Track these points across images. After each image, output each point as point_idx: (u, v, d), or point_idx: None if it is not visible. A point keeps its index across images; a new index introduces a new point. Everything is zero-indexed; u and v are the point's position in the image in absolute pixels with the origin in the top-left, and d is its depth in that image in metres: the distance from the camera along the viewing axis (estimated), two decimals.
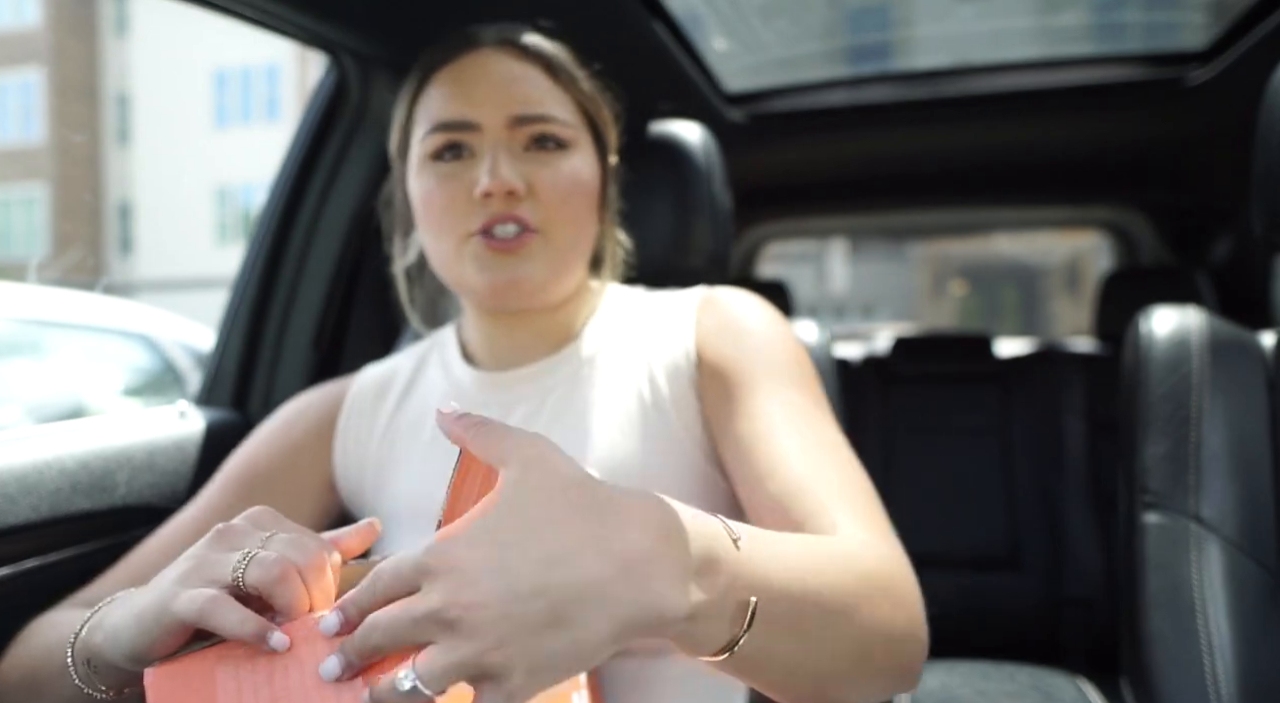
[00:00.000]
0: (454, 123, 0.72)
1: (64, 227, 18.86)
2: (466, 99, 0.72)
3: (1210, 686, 0.76)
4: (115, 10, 20.44)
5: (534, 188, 0.71)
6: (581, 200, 0.73)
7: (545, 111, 0.72)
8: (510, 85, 0.72)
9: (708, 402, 0.72)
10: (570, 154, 0.73)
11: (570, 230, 0.73)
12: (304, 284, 1.19)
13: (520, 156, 0.72)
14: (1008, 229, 4.82)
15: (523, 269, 0.71)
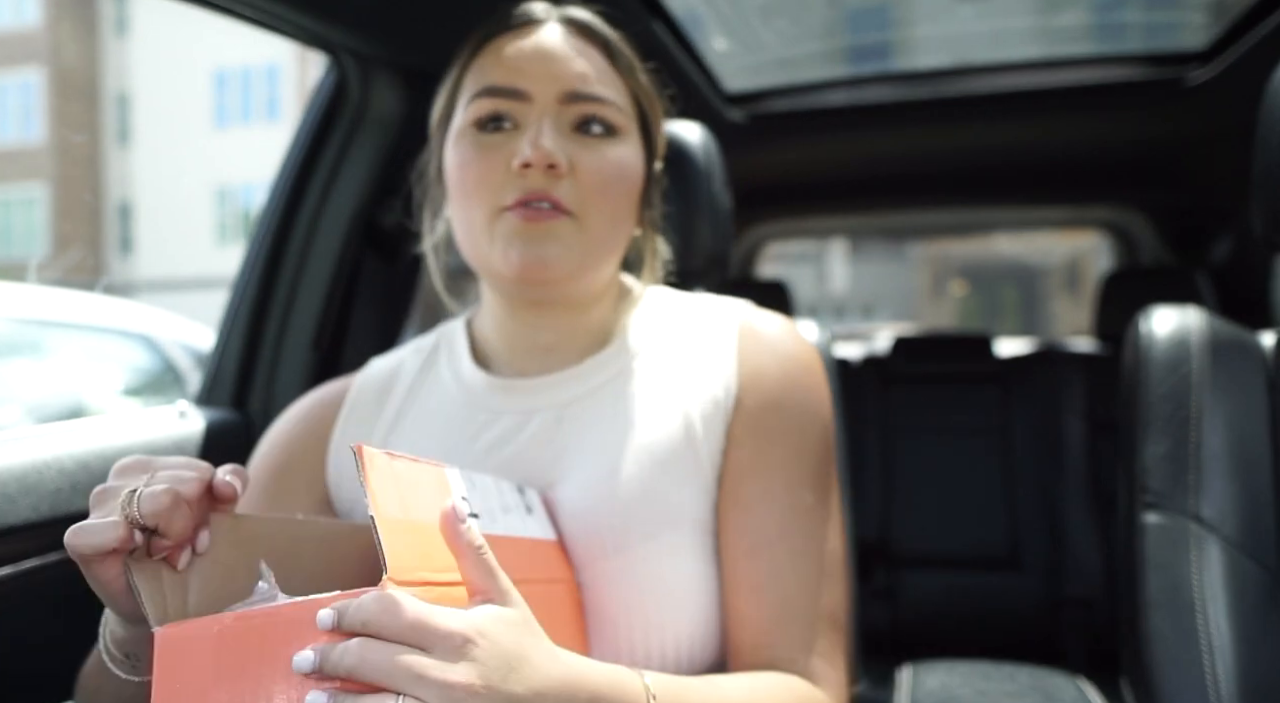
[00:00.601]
0: (504, 88, 0.69)
1: (64, 227, 18.86)
2: (519, 68, 0.69)
3: (1210, 686, 0.76)
4: (115, 10, 20.44)
5: (576, 168, 0.68)
6: (622, 191, 0.70)
7: (600, 92, 0.69)
8: (567, 61, 0.69)
9: (733, 456, 0.70)
10: (618, 142, 0.70)
11: (605, 219, 0.69)
12: (304, 284, 1.19)
13: (567, 135, 0.69)
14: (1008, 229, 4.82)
15: (551, 249, 0.67)
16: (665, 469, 0.68)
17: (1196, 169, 2.07)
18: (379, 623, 0.42)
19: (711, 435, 0.70)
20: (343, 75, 1.15)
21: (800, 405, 0.71)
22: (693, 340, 0.75)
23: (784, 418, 0.70)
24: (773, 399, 0.71)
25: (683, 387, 0.72)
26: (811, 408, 0.71)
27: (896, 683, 0.97)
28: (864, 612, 2.00)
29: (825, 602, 0.67)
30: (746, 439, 0.70)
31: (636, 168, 0.72)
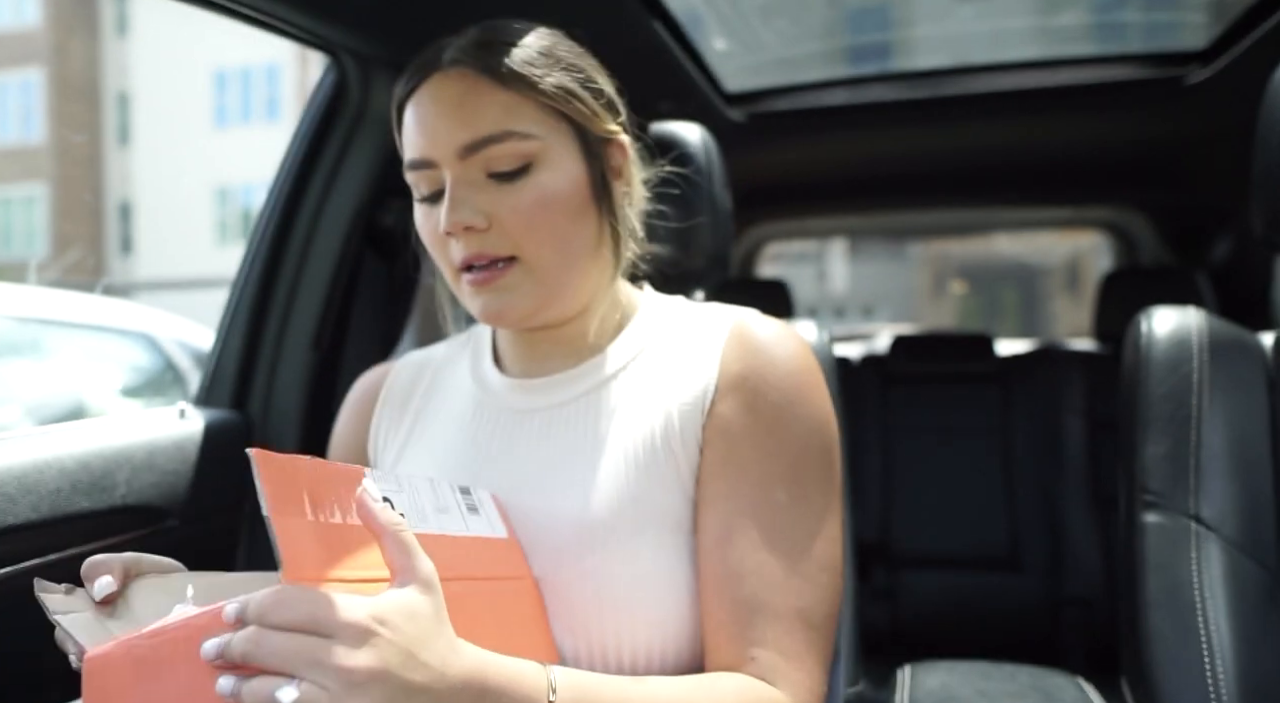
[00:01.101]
0: (416, 162, 0.70)
1: (64, 227, 18.86)
2: (422, 135, 0.69)
3: (1210, 686, 0.76)
4: (115, 10, 20.43)
5: (497, 218, 0.68)
6: (556, 217, 0.69)
7: (494, 130, 0.67)
8: (457, 111, 0.68)
9: (706, 455, 0.70)
10: (535, 172, 0.69)
11: (549, 251, 0.69)
12: (304, 284, 1.19)
13: (482, 187, 0.68)
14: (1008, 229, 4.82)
15: (506, 299, 0.69)
16: (647, 472, 0.69)
17: (1196, 169, 2.07)
18: (276, 614, 0.44)
19: (689, 437, 0.70)
20: (343, 75, 1.15)
21: (778, 405, 0.70)
22: (684, 345, 0.75)
23: (757, 418, 0.69)
24: (746, 400, 0.70)
25: (668, 390, 0.73)
26: (792, 408, 0.70)
27: (896, 683, 0.97)
28: (864, 612, 2.00)
29: (793, 601, 0.65)
30: (716, 439, 0.69)
31: (566, 184, 0.70)
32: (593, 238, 0.73)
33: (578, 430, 0.73)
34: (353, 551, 0.49)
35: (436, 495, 0.62)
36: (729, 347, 0.73)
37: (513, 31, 0.72)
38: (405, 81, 0.72)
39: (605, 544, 0.67)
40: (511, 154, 0.68)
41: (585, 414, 0.73)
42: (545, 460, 0.72)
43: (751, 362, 0.71)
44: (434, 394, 0.82)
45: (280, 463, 0.48)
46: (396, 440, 0.81)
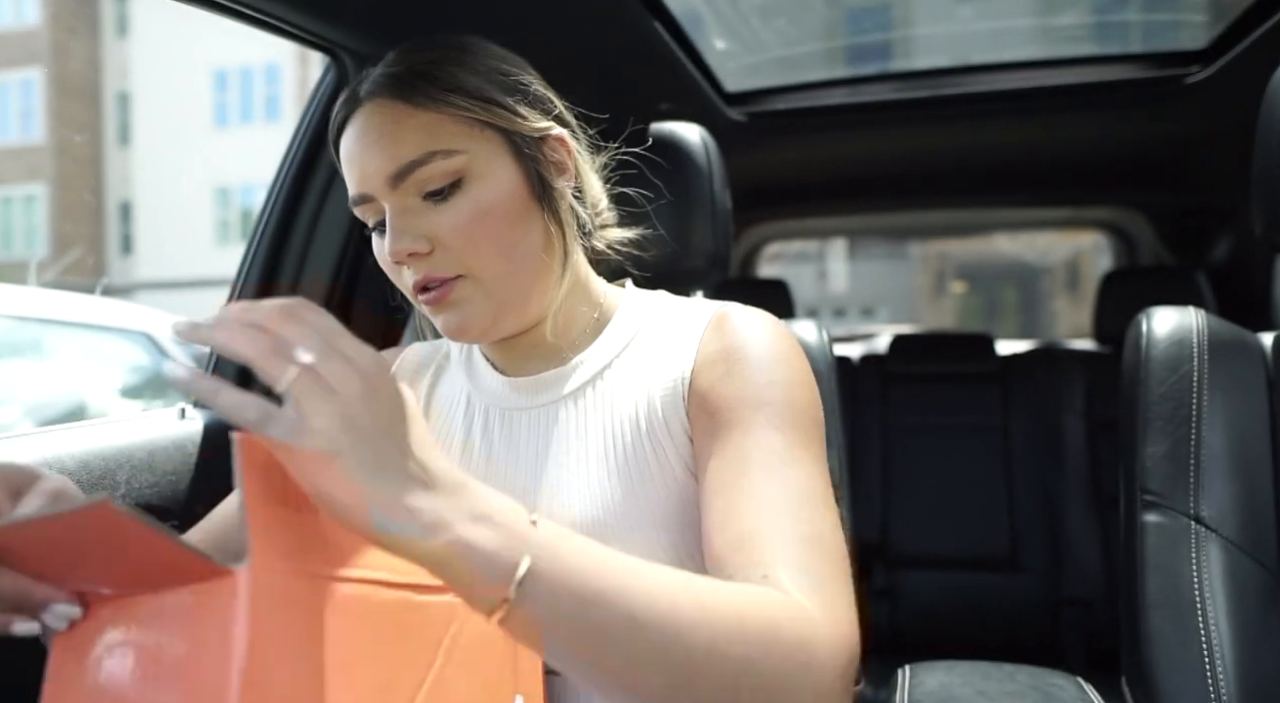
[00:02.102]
0: (355, 198, 0.71)
1: (64, 227, 18.86)
2: (353, 171, 0.70)
3: (1210, 686, 0.76)
4: (115, 10, 20.44)
5: (438, 239, 0.69)
6: (495, 227, 0.69)
7: (417, 154, 0.67)
8: (379, 142, 0.68)
9: (694, 435, 0.70)
10: (467, 186, 0.69)
11: (495, 262, 0.70)
12: (304, 284, 1.19)
13: (419, 210, 0.69)
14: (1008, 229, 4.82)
15: (463, 313, 0.71)
16: (636, 468, 0.70)
17: (1196, 169, 2.07)
18: (304, 311, 0.47)
19: (673, 422, 0.70)
20: (343, 75, 1.15)
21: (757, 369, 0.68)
22: (665, 338, 0.75)
23: (737, 381, 0.68)
24: (723, 370, 0.69)
25: (649, 382, 0.73)
26: (772, 368, 0.68)
27: (896, 683, 0.97)
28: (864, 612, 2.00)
29: (802, 527, 0.60)
30: (700, 415, 0.69)
31: (500, 193, 0.70)
32: (539, 239, 0.73)
33: (565, 429, 0.73)
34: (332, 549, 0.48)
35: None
36: (707, 333, 0.73)
37: (427, 51, 0.72)
38: (333, 122, 0.73)
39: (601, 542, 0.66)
40: (440, 173, 0.68)
41: (571, 413, 0.74)
42: (534, 460, 0.73)
43: (728, 340, 0.71)
44: (438, 389, 0.83)
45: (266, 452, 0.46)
46: None
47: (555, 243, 0.74)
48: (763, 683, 0.50)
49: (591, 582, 0.48)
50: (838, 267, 22.79)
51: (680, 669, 0.49)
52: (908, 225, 3.90)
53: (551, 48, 0.80)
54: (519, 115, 0.71)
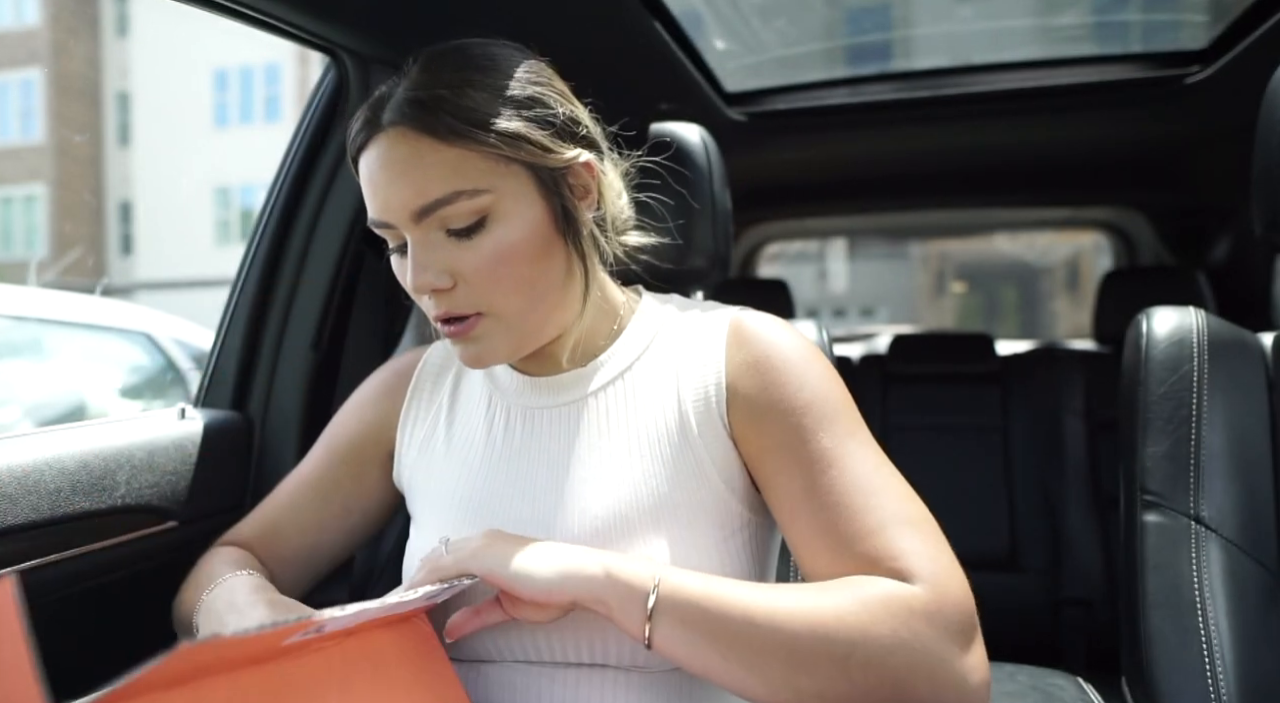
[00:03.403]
0: (377, 223, 0.71)
1: (64, 227, 18.86)
2: (375, 198, 0.69)
3: (1210, 686, 0.76)
4: (115, 10, 20.43)
5: (460, 275, 0.69)
6: (518, 266, 0.69)
7: (443, 193, 0.66)
8: (404, 175, 0.67)
9: (744, 450, 0.71)
10: (491, 225, 0.68)
11: (515, 299, 0.70)
12: (304, 284, 1.19)
13: (442, 245, 0.69)
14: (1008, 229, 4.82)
15: (483, 347, 0.72)
16: (663, 468, 0.71)
17: (1196, 169, 2.07)
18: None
19: (708, 433, 0.72)
20: (343, 75, 1.15)
21: (789, 372, 0.71)
22: (686, 344, 0.76)
23: (775, 388, 0.70)
24: (759, 379, 0.71)
25: (676, 388, 0.74)
26: (803, 368, 0.71)
27: None
28: None
29: (890, 510, 0.65)
30: (746, 425, 0.71)
31: (525, 231, 0.69)
32: (561, 271, 0.72)
33: (587, 428, 0.74)
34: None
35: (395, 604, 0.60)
36: (730, 342, 0.74)
37: (450, 69, 0.69)
38: (353, 137, 0.71)
39: (622, 539, 0.68)
40: (464, 212, 0.67)
41: (593, 412, 0.75)
42: (556, 457, 0.74)
43: (753, 347, 0.73)
44: (460, 387, 0.84)
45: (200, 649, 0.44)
46: (421, 431, 0.83)
47: (577, 270, 0.74)
48: (870, 659, 0.58)
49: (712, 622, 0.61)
50: (838, 267, 22.78)
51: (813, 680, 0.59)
52: (908, 225, 3.90)
53: (551, 48, 0.80)
54: (547, 149, 0.69)
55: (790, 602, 0.60)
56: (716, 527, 0.70)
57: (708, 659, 0.60)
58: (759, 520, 0.73)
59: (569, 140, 0.72)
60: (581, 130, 0.74)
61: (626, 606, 0.61)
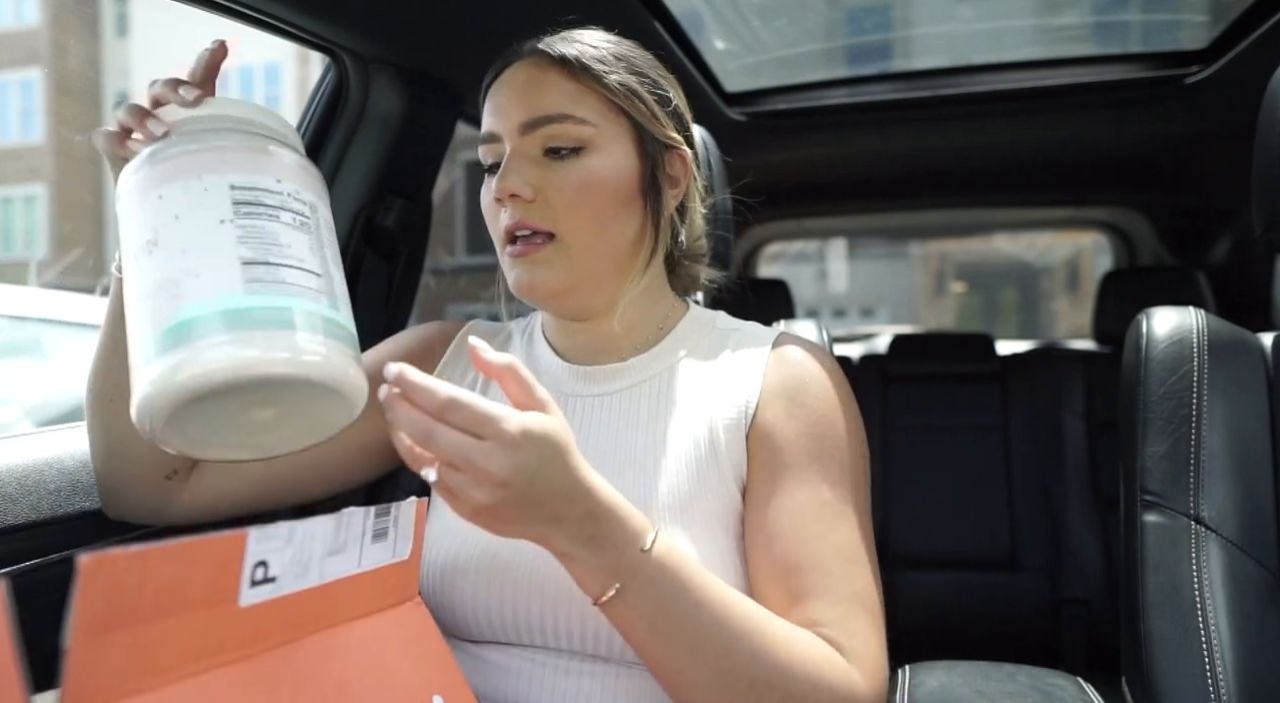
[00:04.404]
0: (485, 135, 0.76)
1: (64, 227, 18.85)
2: (492, 113, 0.76)
3: (1210, 686, 0.76)
4: (115, 10, 20.43)
5: (544, 193, 0.73)
6: (598, 200, 0.73)
7: (554, 111, 0.73)
8: (524, 92, 0.74)
9: (751, 464, 0.73)
10: (587, 156, 0.73)
11: (586, 232, 0.73)
12: None
13: (537, 163, 0.73)
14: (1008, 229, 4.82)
15: (539, 273, 0.73)
16: (693, 471, 0.72)
17: (1196, 169, 2.07)
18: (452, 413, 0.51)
19: (733, 444, 0.73)
20: (343, 75, 1.15)
21: (819, 413, 0.73)
22: (727, 359, 0.79)
23: (799, 423, 0.72)
24: (787, 408, 0.73)
25: (712, 400, 0.76)
26: (831, 416, 0.73)
27: (896, 683, 0.97)
28: None
29: (851, 586, 0.67)
30: (760, 447, 0.73)
31: (616, 172, 0.74)
32: (633, 230, 0.77)
33: (617, 422, 0.76)
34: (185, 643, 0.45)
35: (338, 534, 0.56)
36: (771, 364, 0.77)
37: (592, 33, 0.78)
38: (492, 70, 0.79)
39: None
40: (568, 135, 0.73)
41: (625, 408, 0.77)
42: (586, 446, 0.75)
43: (792, 373, 0.75)
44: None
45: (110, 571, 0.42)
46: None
47: (646, 241, 0.78)
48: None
49: (670, 611, 0.58)
50: (838, 267, 22.78)
51: (723, 697, 0.59)
52: (908, 225, 3.90)
53: None
54: (654, 117, 0.77)
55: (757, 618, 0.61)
56: (732, 534, 0.72)
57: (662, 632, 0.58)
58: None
59: (675, 126, 0.79)
60: (688, 130, 0.81)
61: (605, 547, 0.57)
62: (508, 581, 0.70)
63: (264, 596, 0.48)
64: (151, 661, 0.44)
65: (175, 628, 0.45)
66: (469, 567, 0.72)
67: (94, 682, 0.42)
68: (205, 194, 0.53)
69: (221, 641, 0.47)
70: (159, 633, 0.44)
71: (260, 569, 0.48)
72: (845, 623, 0.65)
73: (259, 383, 0.50)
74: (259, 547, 0.49)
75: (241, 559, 0.48)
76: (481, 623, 0.71)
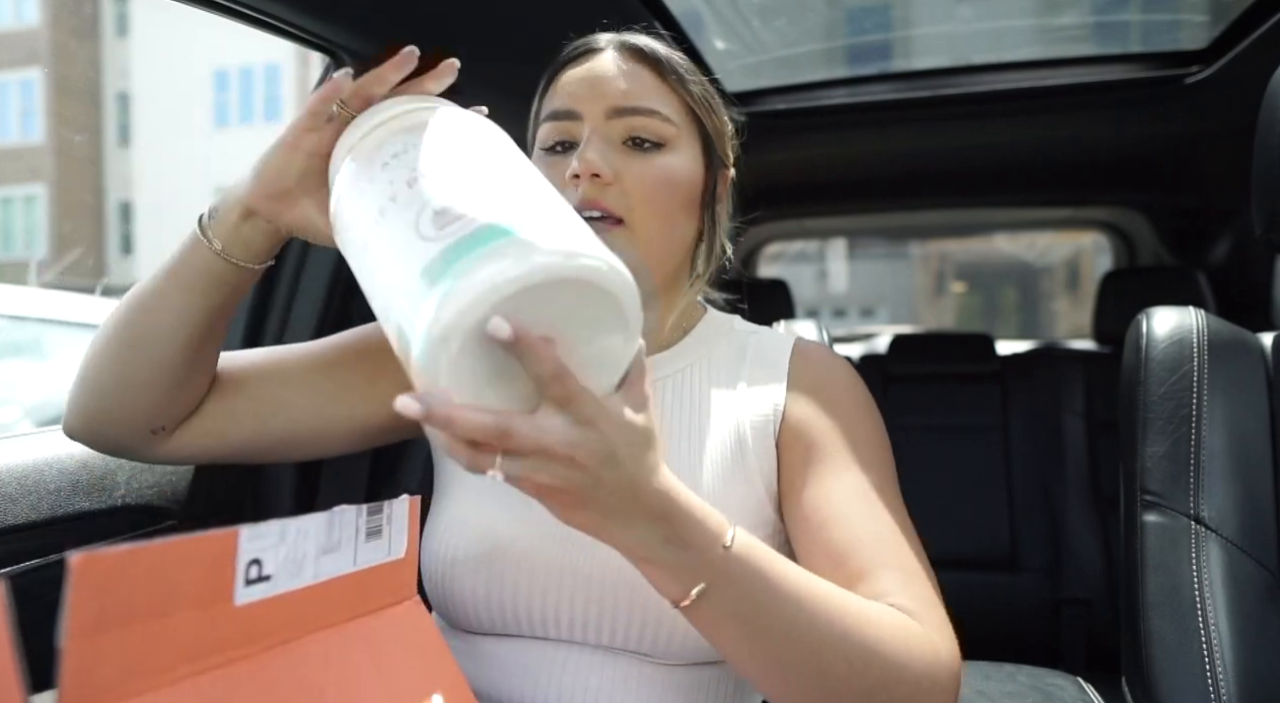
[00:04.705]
0: (560, 112, 0.75)
1: (64, 227, 18.85)
2: (573, 92, 0.75)
3: (1210, 686, 0.76)
4: (115, 10, 20.43)
5: (622, 178, 0.73)
6: (671, 197, 0.74)
7: (645, 105, 0.74)
8: (615, 80, 0.74)
9: (785, 459, 0.74)
10: (667, 153, 0.74)
11: (657, 226, 0.73)
12: (304, 284, 1.19)
13: (616, 149, 0.74)
14: (1008, 229, 4.82)
15: None
16: (721, 469, 0.73)
17: (1196, 169, 2.07)
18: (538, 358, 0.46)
19: (760, 447, 0.74)
20: None
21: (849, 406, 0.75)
22: (749, 361, 0.79)
23: (832, 416, 0.74)
24: (818, 403, 0.75)
25: (736, 400, 0.76)
26: (859, 409, 0.75)
27: None
28: None
29: (908, 558, 0.66)
30: (794, 442, 0.73)
31: (688, 175, 0.75)
32: (691, 237, 0.78)
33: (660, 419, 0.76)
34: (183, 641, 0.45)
35: (331, 532, 0.56)
36: (794, 365, 0.78)
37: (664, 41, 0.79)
38: (568, 52, 0.79)
39: None
40: (653, 130, 0.74)
41: (660, 399, 0.77)
42: None
43: (818, 371, 0.77)
44: None
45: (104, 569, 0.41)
46: None
47: (699, 252, 0.80)
48: (885, 680, 0.57)
49: (759, 606, 0.55)
50: (838, 267, 22.78)
51: (823, 684, 0.56)
52: (908, 225, 3.90)
53: (550, 47, 0.80)
54: (722, 131, 0.80)
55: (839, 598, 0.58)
56: (754, 531, 0.71)
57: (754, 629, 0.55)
58: (783, 529, 0.74)
59: (730, 145, 0.82)
60: (736, 151, 0.84)
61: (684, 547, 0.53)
62: (522, 571, 0.70)
63: (260, 594, 0.48)
64: (150, 661, 0.44)
65: (172, 628, 0.45)
66: (480, 557, 0.72)
67: (91, 682, 0.42)
68: (458, 134, 0.55)
69: (219, 640, 0.47)
70: (156, 633, 0.44)
71: (254, 567, 0.48)
72: (912, 591, 0.63)
73: (571, 284, 0.48)
74: (251, 545, 0.48)
75: (234, 557, 0.47)
76: (495, 616, 0.71)
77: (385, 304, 0.51)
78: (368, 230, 0.53)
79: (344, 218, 0.56)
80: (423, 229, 0.49)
